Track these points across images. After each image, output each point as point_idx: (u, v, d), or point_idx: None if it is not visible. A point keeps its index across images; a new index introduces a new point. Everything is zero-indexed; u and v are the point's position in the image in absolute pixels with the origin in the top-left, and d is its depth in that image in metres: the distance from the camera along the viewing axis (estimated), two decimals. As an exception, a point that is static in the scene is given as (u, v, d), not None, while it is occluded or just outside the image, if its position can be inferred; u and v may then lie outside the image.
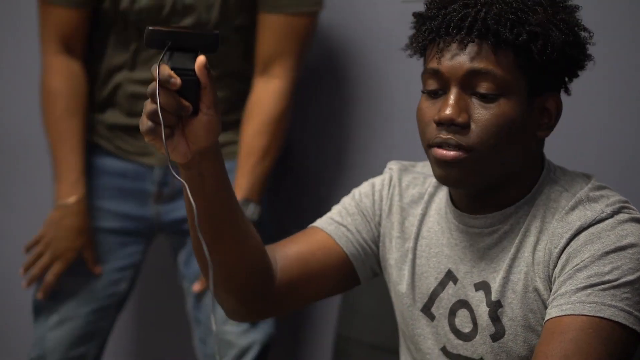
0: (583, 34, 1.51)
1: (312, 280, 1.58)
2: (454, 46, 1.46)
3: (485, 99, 1.45)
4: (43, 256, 2.13)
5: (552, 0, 1.50)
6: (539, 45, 1.45)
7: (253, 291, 1.52)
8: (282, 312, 1.60)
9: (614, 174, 2.18)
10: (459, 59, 1.46)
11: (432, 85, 1.48)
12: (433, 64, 1.48)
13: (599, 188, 1.51)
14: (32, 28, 2.25)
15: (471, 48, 1.45)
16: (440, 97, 1.48)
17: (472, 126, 1.45)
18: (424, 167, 1.66)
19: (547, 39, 1.45)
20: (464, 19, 1.46)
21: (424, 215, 1.62)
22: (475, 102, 1.46)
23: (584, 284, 1.40)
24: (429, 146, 1.48)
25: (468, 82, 1.45)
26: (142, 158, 2.19)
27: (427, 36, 1.49)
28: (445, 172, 1.46)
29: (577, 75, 1.54)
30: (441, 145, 1.45)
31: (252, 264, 1.50)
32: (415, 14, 1.54)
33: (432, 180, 1.64)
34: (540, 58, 1.45)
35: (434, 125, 1.47)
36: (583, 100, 1.87)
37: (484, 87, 1.45)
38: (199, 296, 2.22)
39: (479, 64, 1.44)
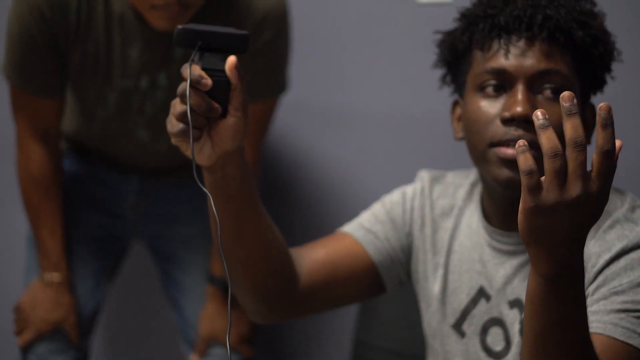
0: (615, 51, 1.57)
1: (338, 285, 1.62)
2: (521, 44, 1.49)
3: (554, 98, 1.48)
4: (18, 322, 2.21)
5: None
6: (601, 49, 1.50)
7: (274, 292, 1.56)
8: (304, 315, 1.63)
9: (618, 177, 2.20)
10: (527, 57, 1.49)
11: (492, 83, 1.51)
12: (496, 63, 1.50)
13: (636, 207, 1.53)
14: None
15: (540, 47, 1.49)
16: (501, 95, 1.51)
17: None
18: (455, 177, 1.69)
19: (606, 45, 1.51)
20: (534, 17, 1.49)
21: (454, 229, 1.64)
22: (542, 100, 1.49)
23: (618, 307, 1.42)
24: (492, 145, 1.49)
25: (536, 81, 1.49)
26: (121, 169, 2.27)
27: (490, 33, 1.52)
28: (512, 173, 1.47)
29: (602, 90, 1.59)
30: (509, 143, 1.47)
31: (274, 264, 1.54)
32: (466, 14, 1.57)
33: (462, 192, 1.66)
34: (600, 62, 1.50)
35: (499, 123, 1.48)
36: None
37: (552, 86, 1.48)
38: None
39: (549, 64, 1.48)
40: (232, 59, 1.34)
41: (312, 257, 1.61)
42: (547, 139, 1.19)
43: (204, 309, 2.25)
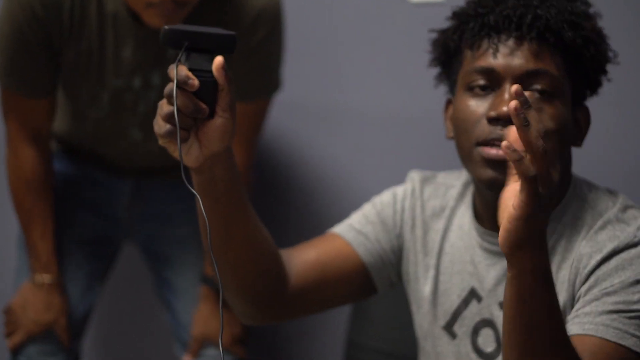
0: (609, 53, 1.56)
1: (328, 286, 1.62)
2: (510, 43, 1.49)
3: (541, 99, 1.48)
4: (8, 324, 2.21)
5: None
6: (592, 51, 1.49)
7: (264, 293, 1.56)
8: (294, 317, 1.64)
9: (616, 179, 2.20)
10: (515, 57, 1.49)
11: (480, 82, 1.51)
12: (484, 62, 1.50)
13: (627, 208, 1.53)
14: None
15: (529, 47, 1.49)
16: (489, 94, 1.50)
17: None
18: (446, 178, 1.68)
19: (598, 47, 1.50)
20: (523, 16, 1.49)
21: (446, 230, 1.64)
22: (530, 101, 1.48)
23: (610, 308, 1.42)
24: (477, 144, 1.49)
25: (524, 81, 1.48)
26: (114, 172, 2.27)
27: (479, 32, 1.52)
28: (496, 173, 1.47)
29: (596, 92, 1.58)
30: (494, 143, 1.47)
31: (263, 266, 1.54)
32: (458, 13, 1.57)
33: (454, 193, 1.65)
34: (591, 64, 1.50)
35: (485, 122, 1.48)
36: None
37: (540, 87, 1.48)
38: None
39: (537, 64, 1.48)
40: (218, 60, 1.34)
41: (302, 259, 1.61)
42: (535, 138, 1.23)
43: (197, 310, 2.25)
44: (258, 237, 1.51)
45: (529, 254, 1.28)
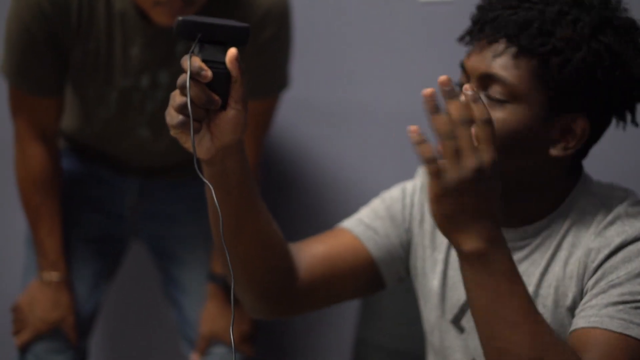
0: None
1: (337, 281, 1.62)
2: (482, 44, 1.51)
3: (491, 101, 1.48)
4: (16, 322, 2.22)
5: (609, 24, 1.50)
6: (559, 60, 1.46)
7: (273, 288, 1.56)
8: (303, 312, 1.63)
9: (616, 179, 2.21)
10: (480, 58, 1.50)
11: (461, 79, 1.54)
12: (465, 60, 1.53)
13: (637, 203, 1.53)
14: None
15: (494, 49, 1.49)
16: None
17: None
18: None
19: (569, 56, 1.47)
20: (495, 19, 1.50)
21: None
22: (485, 102, 1.49)
23: (615, 300, 1.42)
24: None
25: (483, 82, 1.50)
26: (119, 171, 2.28)
27: (471, 30, 1.54)
28: None
29: (627, 107, 1.54)
30: None
31: (273, 260, 1.54)
32: (476, 6, 1.58)
33: None
34: (558, 74, 1.47)
35: None
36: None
37: (492, 91, 1.48)
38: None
39: (493, 68, 1.48)
40: (232, 51, 1.33)
41: (312, 253, 1.61)
42: (443, 124, 1.32)
43: (205, 308, 2.25)
44: (268, 231, 1.51)
45: (458, 237, 1.34)
